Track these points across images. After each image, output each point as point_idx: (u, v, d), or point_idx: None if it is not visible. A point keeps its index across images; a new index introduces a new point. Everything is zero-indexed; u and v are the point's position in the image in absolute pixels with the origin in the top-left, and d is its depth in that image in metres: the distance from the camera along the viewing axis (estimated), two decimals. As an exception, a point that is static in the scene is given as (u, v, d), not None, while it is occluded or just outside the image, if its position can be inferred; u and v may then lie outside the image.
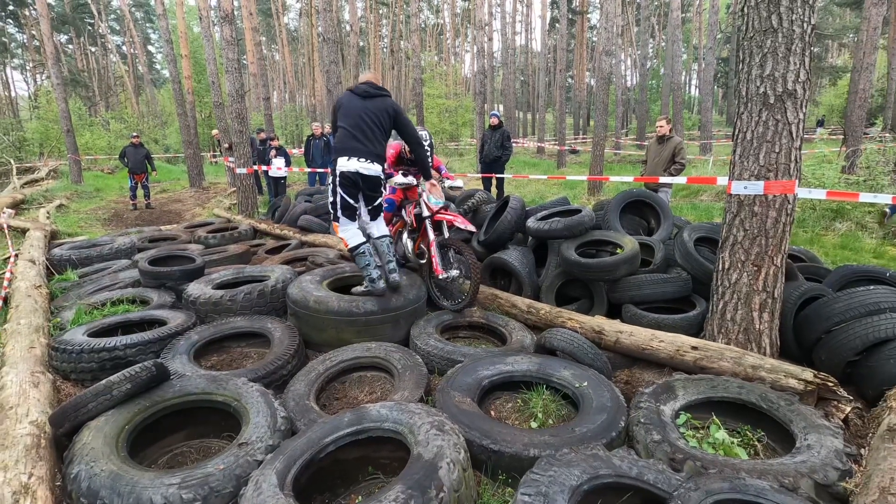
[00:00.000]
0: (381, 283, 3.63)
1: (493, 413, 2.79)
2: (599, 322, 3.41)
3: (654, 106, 30.55)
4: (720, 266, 3.14)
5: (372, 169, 3.57)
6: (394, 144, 4.30)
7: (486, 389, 2.82)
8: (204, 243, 6.88)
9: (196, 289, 4.02)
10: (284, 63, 43.06)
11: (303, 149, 11.45)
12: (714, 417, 2.44)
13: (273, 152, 10.55)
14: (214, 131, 16.16)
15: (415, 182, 4.10)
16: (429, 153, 4.13)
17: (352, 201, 3.64)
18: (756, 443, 2.37)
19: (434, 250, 3.92)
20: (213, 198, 13.03)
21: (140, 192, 11.86)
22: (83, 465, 1.96)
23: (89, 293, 4.50)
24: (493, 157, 9.04)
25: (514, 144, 11.22)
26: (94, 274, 5.23)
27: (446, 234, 4.04)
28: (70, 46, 38.64)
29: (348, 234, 3.70)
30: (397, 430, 2.11)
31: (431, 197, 3.98)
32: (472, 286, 3.76)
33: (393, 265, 3.78)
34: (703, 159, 16.63)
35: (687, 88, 40.21)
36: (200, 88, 21.21)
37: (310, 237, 6.77)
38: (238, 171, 9.11)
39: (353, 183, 3.58)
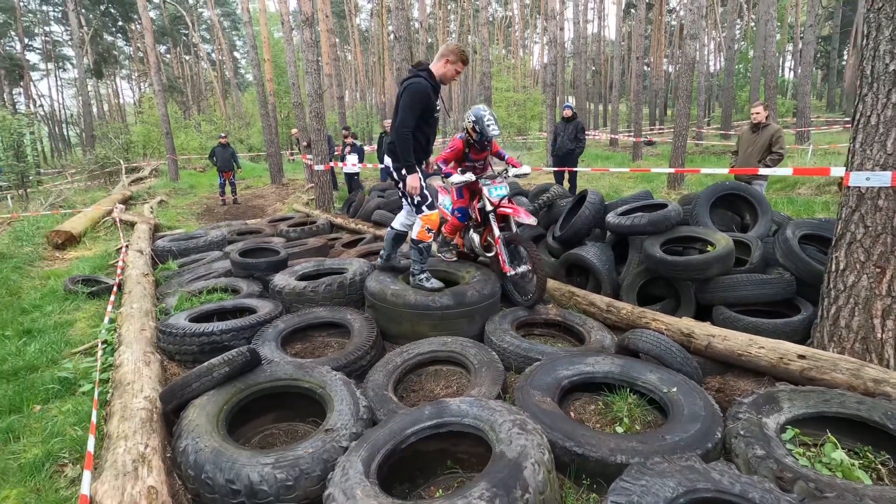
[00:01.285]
0: (433, 283, 3.76)
1: (573, 415, 2.69)
2: (688, 324, 3.19)
3: (742, 92, 28.24)
4: (833, 267, 2.81)
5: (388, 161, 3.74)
6: (454, 141, 4.05)
7: (566, 390, 2.73)
8: (286, 236, 7.28)
9: (282, 279, 4.24)
10: (356, 63, 44.53)
11: (375, 145, 11.76)
12: (829, 435, 2.20)
13: (347, 149, 10.92)
14: (293, 130, 17.03)
15: (473, 178, 3.95)
16: (492, 132, 3.84)
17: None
18: (880, 466, 2.10)
19: (500, 247, 3.82)
20: (292, 193, 13.77)
21: (228, 188, 12.76)
22: (190, 440, 2.12)
23: (188, 281, 4.90)
24: (567, 150, 8.77)
25: (587, 136, 10.84)
26: (191, 264, 5.69)
27: (514, 229, 3.93)
28: (168, 56, 42.41)
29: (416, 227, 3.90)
30: (478, 427, 2.09)
31: (493, 189, 3.88)
32: (539, 281, 3.66)
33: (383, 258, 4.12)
34: (800, 149, 15.12)
35: (780, 72, 36.75)
36: (280, 90, 22.46)
37: (383, 231, 6.94)
38: (316, 167, 9.53)
39: None
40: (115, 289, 4.68)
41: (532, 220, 3.86)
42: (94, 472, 2.01)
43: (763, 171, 5.47)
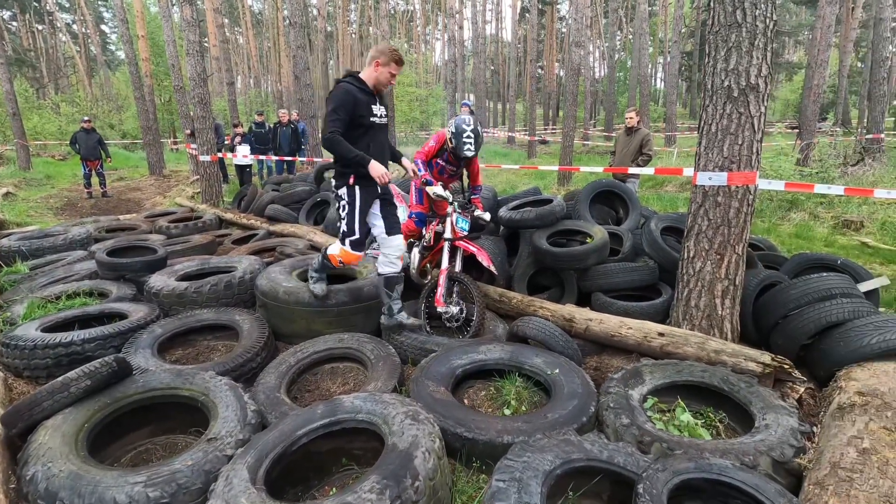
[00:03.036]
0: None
1: (466, 401, 2.81)
2: (570, 310, 3.47)
3: (622, 98, 31.12)
4: (685, 255, 3.23)
5: None
6: (440, 134, 3.80)
7: (460, 378, 2.84)
8: (166, 233, 6.63)
9: (158, 280, 3.87)
10: (249, 47, 41.63)
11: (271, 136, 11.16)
12: (679, 400, 2.53)
13: (238, 139, 10.22)
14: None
15: (450, 198, 3.64)
16: (466, 152, 3.60)
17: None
18: (718, 424, 2.47)
19: (444, 279, 3.55)
20: (174, 186, 12.55)
21: (95, 179, 11.29)
22: (40, 466, 1.87)
23: (42, 286, 4.27)
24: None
25: (484, 134, 11.23)
26: (46, 266, 4.96)
27: (458, 265, 3.69)
28: (14, 24, 36.22)
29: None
30: (371, 421, 2.09)
31: (461, 219, 3.64)
32: (476, 325, 3.39)
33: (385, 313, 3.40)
34: (668, 151, 17.08)
35: (653, 81, 41.06)
36: (159, 72, 20.26)
37: (278, 227, 6.62)
38: (201, 158, 8.78)
39: None
40: (-59, 298, 3.93)
41: (494, 267, 3.62)
42: None
43: (633, 170, 6.09)
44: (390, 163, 3.54)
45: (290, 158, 10.55)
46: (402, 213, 4.10)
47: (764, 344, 3.21)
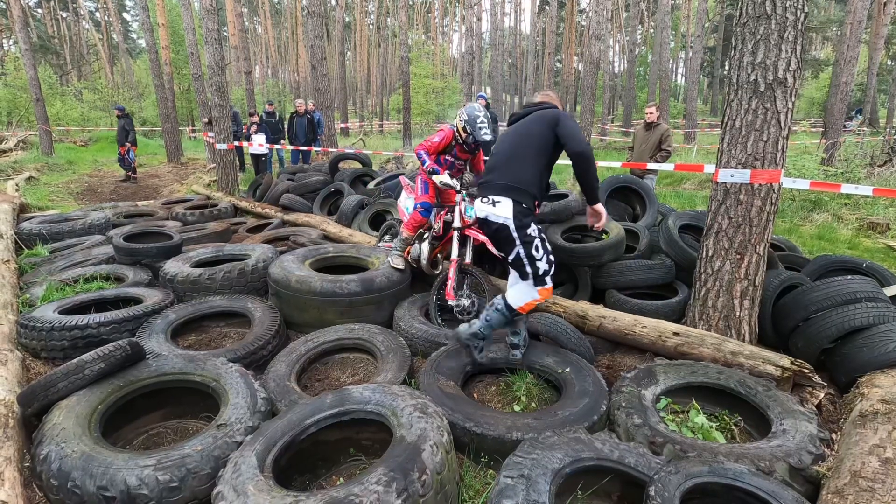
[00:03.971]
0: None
1: (476, 396, 2.79)
2: (583, 307, 3.42)
3: (641, 93, 30.59)
4: (704, 253, 3.16)
5: (493, 212, 2.60)
6: (444, 129, 3.71)
7: (470, 373, 2.82)
8: (182, 220, 6.71)
9: (173, 266, 3.91)
10: (267, 37, 41.85)
11: (287, 126, 11.21)
12: (694, 402, 2.48)
13: (254, 128, 10.27)
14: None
15: (457, 187, 3.54)
16: (484, 136, 3.44)
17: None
18: (733, 427, 2.42)
19: (454, 271, 3.43)
20: (191, 174, 12.69)
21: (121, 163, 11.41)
22: (53, 446, 1.90)
23: (61, 269, 4.34)
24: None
25: (500, 128, 11.14)
26: (65, 249, 5.05)
27: (469, 255, 3.52)
28: (39, 11, 36.83)
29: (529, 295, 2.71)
30: (380, 413, 2.08)
31: (470, 207, 3.45)
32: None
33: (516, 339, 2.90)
34: (687, 147, 16.77)
35: (673, 77, 40.33)
36: (178, 60, 20.44)
37: (292, 216, 6.64)
38: (218, 146, 8.85)
39: (487, 231, 2.75)
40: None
41: (502, 255, 3.04)
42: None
43: (651, 165, 5.98)
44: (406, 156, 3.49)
45: (305, 148, 10.59)
46: (411, 204, 4.07)
47: (783, 347, 3.13)
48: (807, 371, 2.58)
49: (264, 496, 1.63)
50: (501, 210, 2.57)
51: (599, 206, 2.82)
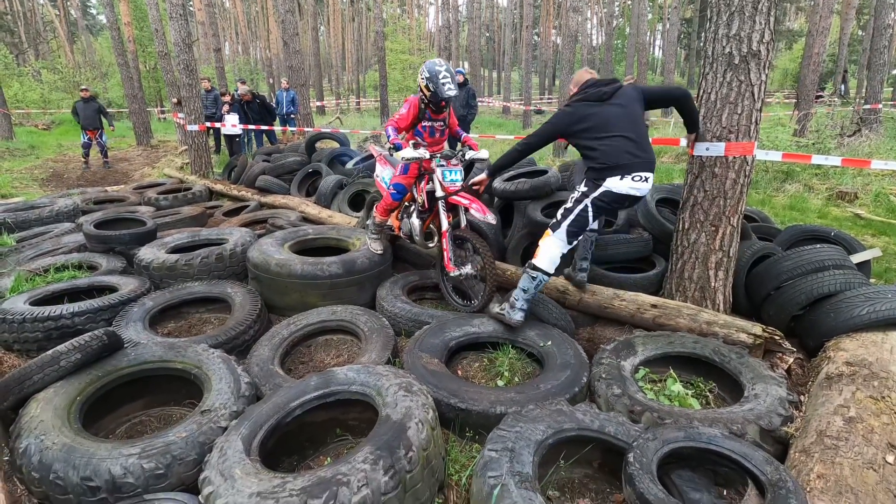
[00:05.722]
0: (520, 316, 2.90)
1: (460, 373, 2.83)
2: (563, 282, 3.47)
3: (619, 66, 30.52)
4: (680, 226, 3.22)
5: (644, 188, 2.79)
6: (410, 99, 3.49)
7: (454, 350, 2.85)
8: (155, 205, 6.53)
9: (148, 253, 3.82)
10: (236, 11, 40.25)
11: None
12: (671, 371, 2.56)
13: (226, 108, 9.96)
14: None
15: (427, 155, 3.33)
16: (447, 91, 3.25)
17: (592, 222, 2.94)
18: (708, 393, 2.51)
19: (446, 241, 3.31)
20: (163, 157, 12.30)
21: (95, 149, 10.95)
22: (32, 439, 1.87)
23: (29, 259, 4.21)
24: (459, 116, 8.84)
25: (479, 103, 11.03)
26: (33, 238, 4.88)
27: (463, 222, 3.43)
28: (-12, -15, 34.62)
29: (553, 252, 2.91)
30: (365, 393, 2.10)
31: (449, 171, 3.32)
32: (487, 288, 3.18)
33: (587, 265, 3.29)
34: (665, 121, 16.88)
35: (651, 49, 40.27)
36: (143, 37, 19.52)
37: (269, 198, 6.53)
38: (189, 128, 8.57)
39: (617, 205, 2.91)
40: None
41: (491, 218, 3.20)
42: None
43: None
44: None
45: (266, 128, 10.32)
46: (388, 174, 3.93)
47: (756, 315, 3.24)
48: (777, 338, 2.68)
49: (251, 479, 1.64)
50: (651, 183, 2.82)
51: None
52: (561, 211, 2.93)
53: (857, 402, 2.04)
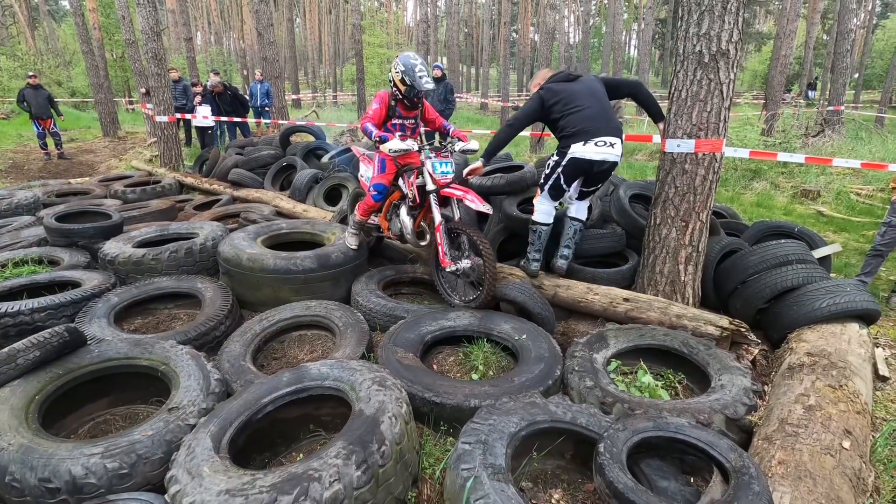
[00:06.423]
0: (535, 266, 3.47)
1: (435, 367, 2.82)
2: (539, 279, 3.50)
3: (595, 64, 30.91)
4: (652, 222, 3.28)
5: (612, 154, 3.10)
6: (380, 94, 3.38)
7: (429, 344, 2.84)
8: (122, 198, 6.33)
9: (114, 247, 3.70)
10: (208, 0, 39.18)
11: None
12: (641, 363, 2.61)
13: (198, 99, 9.69)
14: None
15: (416, 147, 3.19)
16: (425, 84, 3.21)
17: (566, 186, 3.30)
18: (677, 384, 2.57)
19: (440, 235, 3.19)
20: (130, 149, 11.90)
21: (50, 140, 10.54)
22: (-13, 440, 1.79)
23: (-14, 253, 4.02)
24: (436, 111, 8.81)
25: (457, 99, 11.01)
26: (-10, 232, 4.67)
27: (457, 215, 3.33)
28: (-59, -35, 32.78)
29: (543, 208, 3.44)
30: (338, 388, 2.08)
31: (439, 163, 3.20)
32: (487, 283, 3.05)
33: (568, 252, 3.49)
34: (639, 119, 17.17)
35: (627, 49, 40.89)
36: (109, 24, 18.80)
37: (242, 192, 6.39)
38: (158, 119, 8.31)
39: (583, 170, 3.22)
40: None
41: (486, 207, 3.07)
42: None
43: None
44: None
45: (239, 120, 10.11)
46: (369, 174, 3.78)
47: (723, 308, 3.33)
48: (743, 330, 2.76)
49: (220, 476, 1.60)
50: (618, 150, 3.13)
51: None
52: (544, 173, 3.39)
53: (816, 391, 2.12)
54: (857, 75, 22.37)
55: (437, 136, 3.92)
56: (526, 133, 11.45)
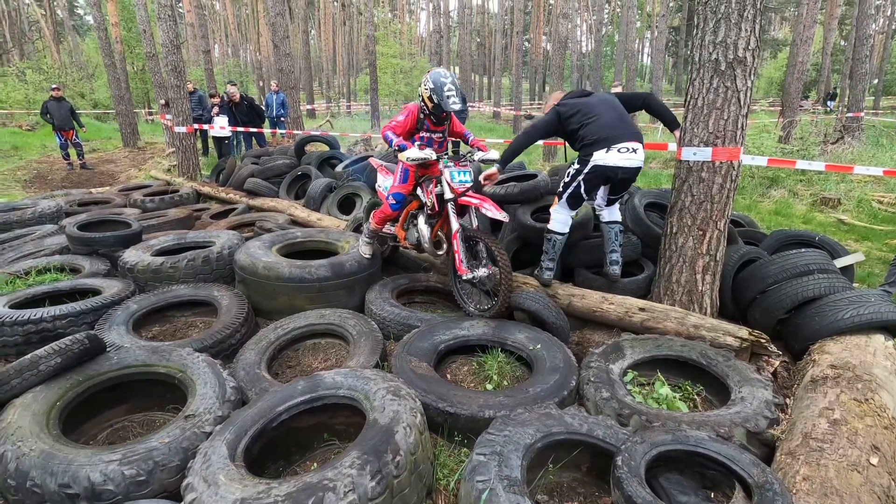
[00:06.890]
0: (549, 275, 3.44)
1: (449, 377, 2.81)
2: (553, 286, 3.47)
3: (608, 73, 30.84)
4: (668, 230, 3.24)
5: (635, 159, 3.07)
6: (409, 107, 3.44)
7: (443, 354, 2.83)
8: (141, 207, 6.45)
9: (133, 255, 3.76)
10: (226, 13, 40.05)
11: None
12: (658, 374, 2.57)
13: (215, 110, 9.88)
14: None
15: (434, 156, 3.23)
16: (452, 105, 3.22)
17: (586, 196, 3.26)
18: (696, 396, 2.52)
19: (458, 243, 3.19)
20: (150, 159, 12.16)
21: (72, 150, 10.82)
22: (9, 445, 1.82)
23: (10, 261, 4.13)
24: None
25: (469, 108, 11.06)
26: (14, 240, 4.79)
27: (474, 223, 3.37)
28: (-28, -17, 34.07)
29: (559, 217, 3.39)
30: (353, 397, 2.08)
31: (457, 172, 3.23)
32: (503, 292, 3.04)
33: (616, 256, 3.46)
34: (653, 127, 17.07)
35: (640, 57, 40.77)
36: (131, 38, 19.32)
37: (257, 201, 6.47)
38: (176, 129, 8.48)
39: (607, 178, 3.17)
40: None
41: (503, 216, 3.07)
42: None
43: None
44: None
45: (255, 130, 10.27)
46: (387, 184, 3.81)
47: (742, 318, 3.27)
48: (763, 341, 2.70)
49: (235, 485, 1.61)
50: (641, 154, 3.11)
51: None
52: (562, 182, 3.31)
53: (841, 405, 2.06)
54: (876, 81, 22.00)
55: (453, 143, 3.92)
56: (539, 142, 11.46)
